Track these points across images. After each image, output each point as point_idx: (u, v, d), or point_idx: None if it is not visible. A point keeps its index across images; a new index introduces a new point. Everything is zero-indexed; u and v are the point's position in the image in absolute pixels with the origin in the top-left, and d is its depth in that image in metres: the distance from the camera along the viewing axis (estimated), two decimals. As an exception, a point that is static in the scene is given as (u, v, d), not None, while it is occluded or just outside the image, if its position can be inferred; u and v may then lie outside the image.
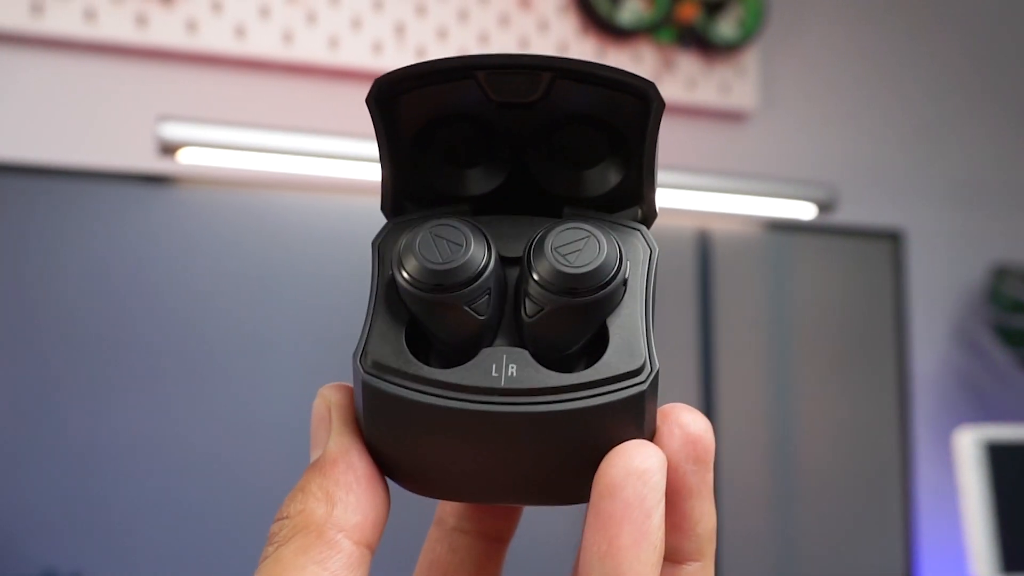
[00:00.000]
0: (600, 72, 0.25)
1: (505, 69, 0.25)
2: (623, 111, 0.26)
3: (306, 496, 0.25)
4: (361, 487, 0.25)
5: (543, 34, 1.49)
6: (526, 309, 0.24)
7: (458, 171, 0.27)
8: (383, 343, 0.25)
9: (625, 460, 0.23)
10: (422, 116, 0.26)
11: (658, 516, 0.23)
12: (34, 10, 1.25)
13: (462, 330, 0.25)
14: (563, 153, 0.27)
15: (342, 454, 0.25)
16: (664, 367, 0.25)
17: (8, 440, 1.02)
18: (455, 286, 0.24)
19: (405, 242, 0.24)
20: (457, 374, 0.24)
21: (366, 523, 0.25)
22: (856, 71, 1.73)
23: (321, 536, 0.24)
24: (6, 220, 1.03)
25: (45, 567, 1.00)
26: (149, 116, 1.24)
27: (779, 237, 1.39)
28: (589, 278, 0.24)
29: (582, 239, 0.24)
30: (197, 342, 1.08)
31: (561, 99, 0.26)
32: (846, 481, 1.40)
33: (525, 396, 0.24)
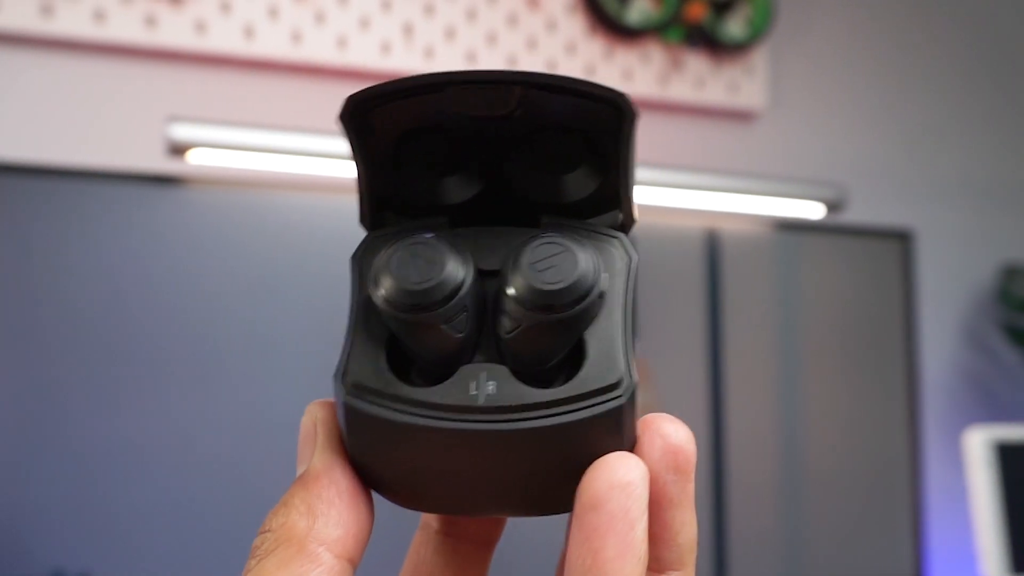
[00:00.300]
0: (569, 85, 0.25)
1: (474, 85, 0.25)
2: (597, 119, 0.26)
3: (288, 510, 0.25)
4: (343, 502, 0.25)
5: (551, 34, 1.49)
6: (504, 325, 0.24)
7: (435, 181, 0.27)
8: (363, 362, 0.25)
9: (608, 473, 0.23)
10: (397, 128, 0.26)
11: (641, 528, 0.23)
12: (44, 11, 1.25)
13: (440, 348, 0.25)
14: (540, 160, 0.27)
15: (325, 470, 0.25)
16: (672, 367, 0.25)
17: (17, 441, 1.02)
18: (432, 305, 0.24)
19: (381, 260, 0.24)
20: (436, 393, 0.24)
21: (347, 537, 0.25)
22: (865, 70, 1.72)
23: (302, 549, 0.24)
24: (16, 220, 1.04)
25: (54, 567, 1.01)
26: (158, 117, 1.24)
27: (788, 237, 1.39)
28: (565, 294, 0.24)
29: (557, 254, 0.24)
30: (206, 342, 1.08)
31: (536, 109, 0.26)
32: (855, 481, 1.39)
33: (503, 414, 0.24)
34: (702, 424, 1.30)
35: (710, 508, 1.29)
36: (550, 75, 0.25)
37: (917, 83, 1.76)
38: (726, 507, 1.30)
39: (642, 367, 1.32)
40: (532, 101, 0.26)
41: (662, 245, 1.30)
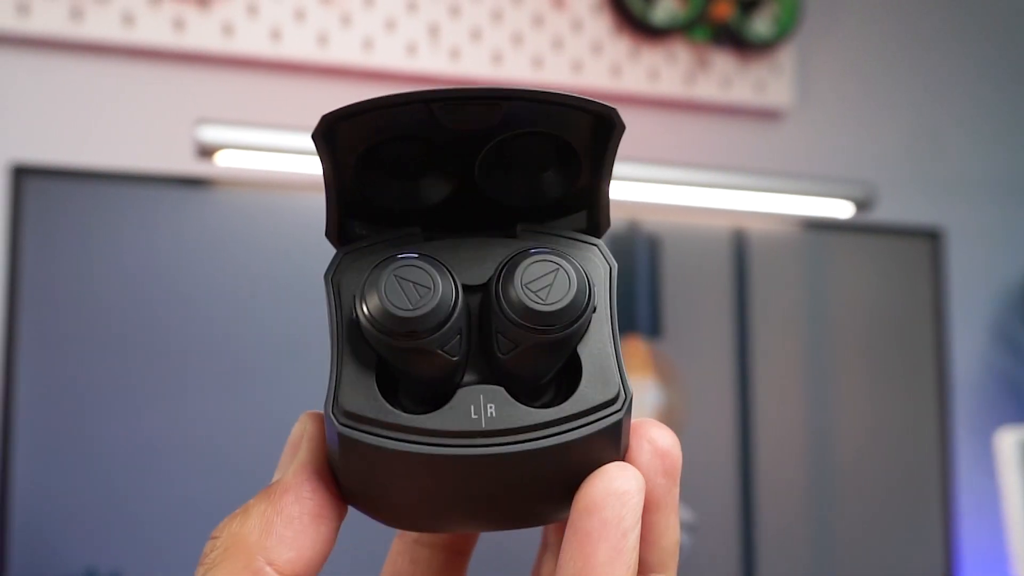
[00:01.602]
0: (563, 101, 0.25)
1: (461, 101, 0.25)
2: (577, 126, 0.26)
3: (244, 520, 0.25)
4: (303, 523, 0.25)
5: (577, 34, 1.49)
6: (499, 347, 0.24)
7: (405, 185, 0.27)
8: (355, 391, 0.24)
9: (606, 481, 0.24)
10: (366, 138, 0.26)
11: (634, 537, 0.24)
12: (73, 16, 1.26)
13: (435, 372, 0.24)
14: (511, 163, 0.27)
15: (295, 485, 0.25)
16: (700, 367, 0.26)
17: (50, 442, 1.03)
18: (428, 331, 0.23)
19: (368, 286, 0.24)
20: (436, 419, 0.24)
21: (299, 560, 0.24)
22: (893, 67, 1.71)
23: (249, 565, 0.24)
24: (46, 222, 1.05)
25: (86, 566, 1.01)
26: (186, 119, 1.25)
27: (816, 236, 1.38)
28: (564, 314, 0.24)
29: (551, 272, 0.24)
30: (235, 343, 1.08)
31: (514, 119, 0.26)
32: (885, 483, 1.38)
33: (506, 436, 0.24)
34: (730, 425, 1.29)
35: (738, 509, 1.29)
36: (531, 91, 0.25)
37: (946, 80, 1.74)
38: (754, 508, 1.29)
39: (666, 367, 1.31)
40: (514, 109, 0.25)
41: (689, 245, 1.29)
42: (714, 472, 1.28)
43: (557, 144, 0.27)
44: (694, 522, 1.24)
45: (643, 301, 1.25)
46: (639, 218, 1.26)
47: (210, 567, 0.24)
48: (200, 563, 0.25)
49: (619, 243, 1.25)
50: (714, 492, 1.28)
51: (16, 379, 1.02)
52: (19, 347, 1.02)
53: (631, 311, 1.25)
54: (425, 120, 0.25)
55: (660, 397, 1.25)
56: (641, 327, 1.25)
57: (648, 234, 1.26)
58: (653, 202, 1.27)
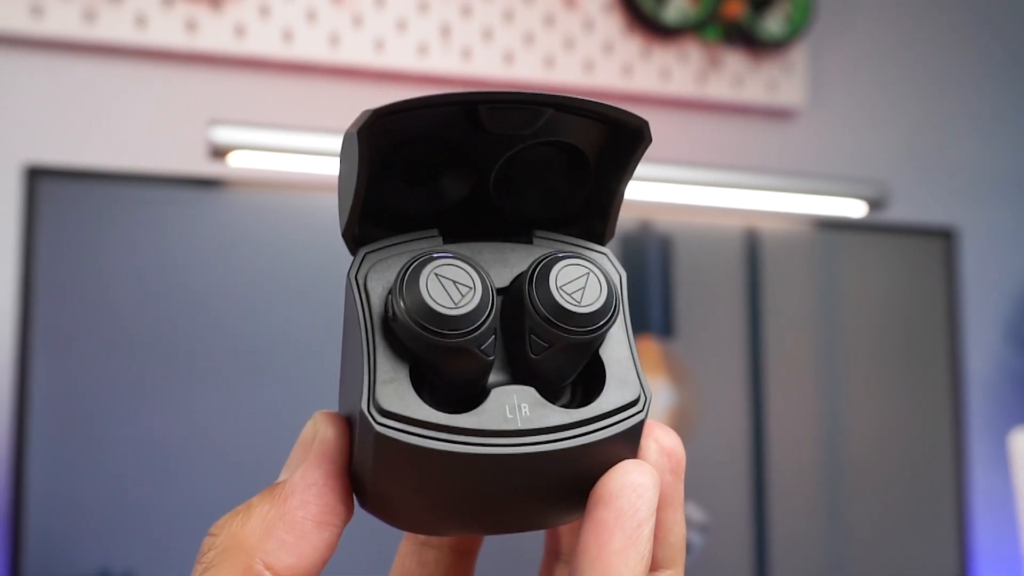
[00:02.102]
0: (600, 110, 0.26)
1: (505, 105, 0.25)
2: (594, 137, 0.27)
3: (246, 520, 0.25)
4: (305, 529, 0.25)
5: (588, 33, 1.48)
6: (532, 347, 0.25)
7: (421, 188, 0.27)
8: (391, 390, 0.24)
9: (622, 475, 0.25)
10: (396, 138, 0.26)
11: (648, 529, 0.24)
12: (86, 17, 1.27)
13: (470, 372, 0.25)
14: (528, 172, 0.27)
15: (302, 489, 0.25)
16: (713, 367, 0.26)
17: (63, 442, 1.03)
18: (469, 330, 0.24)
19: (408, 283, 0.24)
20: (474, 419, 0.24)
21: (299, 566, 0.24)
22: (906, 65, 1.70)
23: (249, 569, 0.24)
24: (60, 223, 1.05)
25: (99, 566, 1.02)
26: (199, 120, 1.26)
27: (828, 236, 1.37)
28: (599, 316, 0.25)
29: (583, 276, 0.25)
30: (248, 343, 1.09)
31: (551, 129, 0.26)
32: (898, 483, 1.38)
33: (541, 435, 0.24)
34: (742, 424, 1.29)
35: (750, 509, 1.28)
36: (581, 99, 0.26)
37: (959, 79, 1.73)
38: (766, 508, 1.29)
39: (678, 367, 1.31)
40: (552, 121, 0.26)
41: (701, 245, 1.29)
42: (726, 472, 1.28)
43: (572, 154, 0.27)
44: (706, 522, 1.23)
45: (655, 301, 1.25)
46: (651, 218, 1.26)
47: (208, 567, 0.24)
48: (198, 560, 0.25)
49: (631, 243, 1.25)
50: (726, 492, 1.27)
51: (30, 379, 1.02)
52: (33, 347, 1.03)
53: (643, 311, 1.25)
54: (460, 122, 0.26)
55: (672, 397, 1.24)
56: (653, 327, 1.25)
57: (660, 234, 1.26)
58: (665, 202, 1.26)
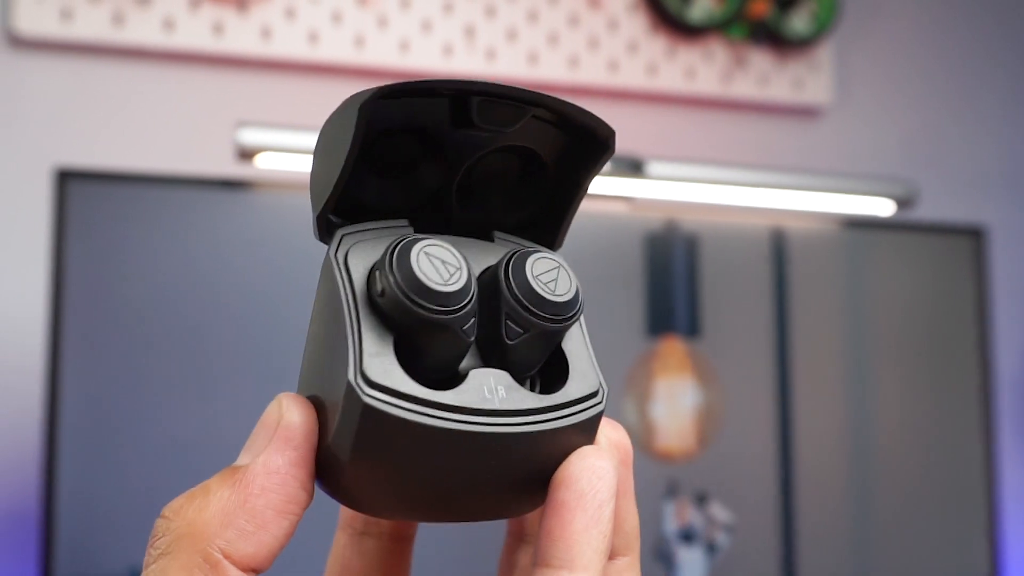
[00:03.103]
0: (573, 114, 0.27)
1: (497, 99, 0.26)
2: (560, 150, 0.28)
3: (205, 504, 0.24)
4: (266, 518, 0.24)
5: (612, 33, 1.48)
6: (508, 333, 0.26)
7: (391, 184, 0.28)
8: (378, 363, 0.24)
9: (582, 459, 0.25)
10: (375, 128, 0.26)
11: (609, 510, 0.25)
12: (115, 21, 1.28)
13: (450, 351, 0.25)
14: (492, 178, 0.28)
15: (264, 476, 0.24)
16: (739, 368, 0.26)
17: (94, 444, 1.04)
18: (456, 308, 0.24)
19: (398, 260, 0.24)
20: (456, 396, 0.25)
21: (257, 556, 0.24)
22: (933, 62, 1.69)
23: (207, 558, 0.23)
24: (90, 225, 1.06)
25: (130, 566, 1.03)
26: (226, 122, 1.26)
27: (856, 235, 1.36)
28: (570, 306, 0.26)
29: (554, 268, 0.26)
30: (276, 344, 1.09)
31: (521, 130, 0.27)
32: (927, 484, 1.37)
33: (517, 417, 0.25)
34: (769, 425, 1.28)
35: (777, 510, 1.28)
36: (559, 100, 0.27)
37: (988, 75, 1.72)
38: (794, 509, 1.28)
39: (704, 367, 1.30)
40: (534, 117, 0.27)
41: (727, 245, 1.29)
42: (753, 472, 1.27)
43: (531, 162, 0.28)
44: (733, 522, 1.23)
45: (681, 301, 1.25)
46: (677, 217, 1.26)
47: (163, 552, 0.24)
48: (151, 544, 0.24)
49: (656, 243, 1.25)
50: (753, 493, 1.27)
51: (60, 380, 1.03)
52: (63, 348, 1.03)
53: (669, 311, 1.24)
54: (443, 116, 0.27)
55: (698, 397, 1.24)
56: (679, 327, 1.24)
57: (686, 234, 1.26)
58: (690, 201, 1.26)
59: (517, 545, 0.30)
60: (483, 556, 0.28)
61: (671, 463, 1.22)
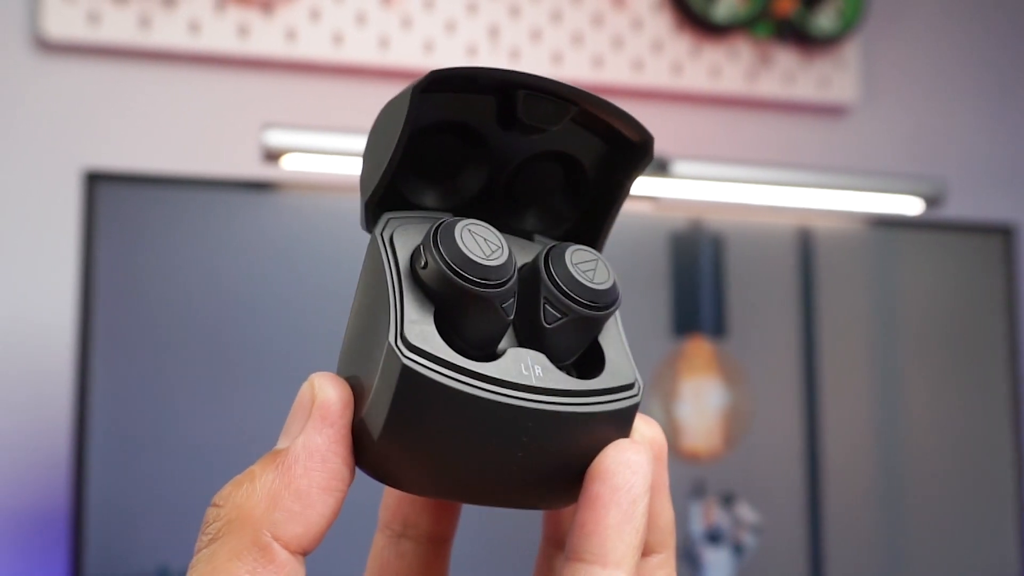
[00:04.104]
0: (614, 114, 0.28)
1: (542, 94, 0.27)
2: (602, 156, 0.29)
3: (251, 489, 0.24)
4: (311, 497, 0.24)
5: (637, 32, 1.48)
6: (546, 316, 0.26)
7: (434, 182, 0.28)
8: (419, 330, 0.25)
9: (618, 452, 0.25)
10: (423, 120, 0.27)
11: (643, 505, 0.25)
12: (142, 24, 1.29)
13: (489, 327, 0.26)
14: (534, 182, 0.29)
15: (306, 455, 0.25)
16: (766, 368, 0.26)
17: (124, 441, 1.05)
18: (498, 282, 0.25)
19: (443, 235, 0.25)
20: (494, 368, 0.25)
21: (306, 536, 0.24)
22: (962, 59, 1.67)
23: (256, 541, 0.24)
24: (119, 227, 1.07)
25: (159, 564, 1.03)
26: (251, 124, 1.27)
27: (884, 234, 1.35)
28: (608, 295, 0.26)
29: (593, 260, 0.27)
30: (303, 344, 1.10)
31: (562, 136, 0.28)
32: (956, 485, 1.35)
33: (552, 395, 0.25)
34: (796, 425, 1.27)
35: (805, 510, 1.27)
36: (604, 100, 0.27)
37: (1017, 71, 1.70)
38: (821, 510, 1.27)
39: (730, 367, 1.29)
40: (568, 126, 0.28)
41: (753, 244, 1.28)
42: (780, 472, 1.26)
43: (572, 170, 0.29)
44: (760, 523, 1.22)
45: (707, 301, 1.24)
46: (702, 217, 1.25)
47: (214, 538, 0.24)
48: (202, 531, 0.24)
49: (682, 242, 1.24)
50: (780, 493, 1.26)
51: (89, 381, 1.04)
52: (92, 350, 1.04)
53: (695, 311, 1.24)
54: (490, 114, 0.27)
55: (725, 397, 1.23)
56: (705, 327, 1.24)
57: (711, 233, 1.25)
58: (716, 201, 1.25)
59: (553, 552, 0.29)
60: (519, 561, 0.28)
61: (698, 463, 1.21)
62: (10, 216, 1.27)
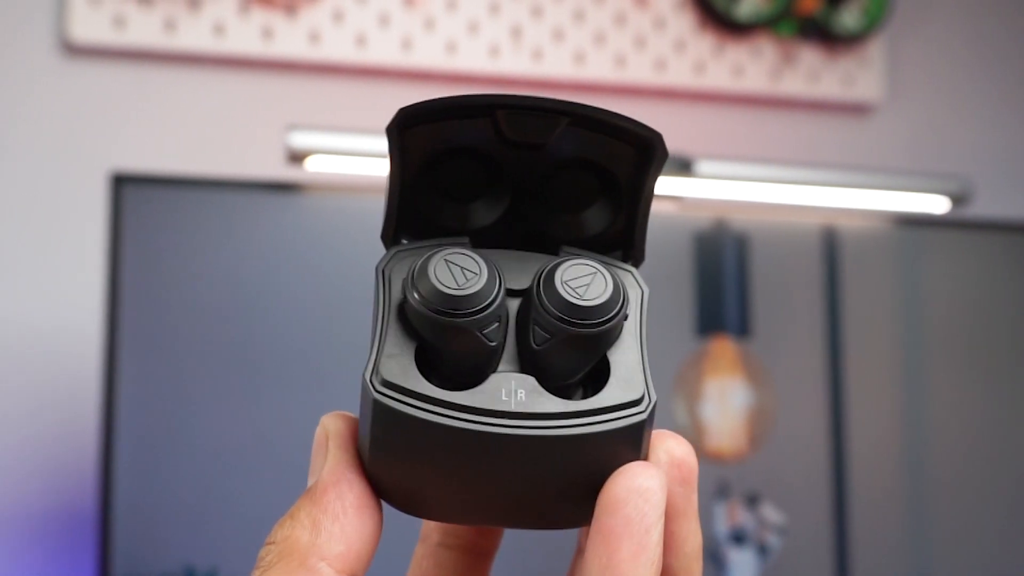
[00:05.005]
0: (612, 120, 0.27)
1: (524, 110, 0.26)
2: (623, 159, 0.28)
3: (294, 523, 0.26)
4: (348, 516, 0.25)
5: (659, 32, 1.47)
6: (534, 338, 0.26)
7: (458, 205, 0.28)
8: (394, 363, 0.25)
9: (628, 479, 0.25)
10: (431, 148, 0.27)
11: (657, 533, 0.24)
12: (167, 28, 1.30)
13: (472, 355, 0.25)
14: (559, 194, 0.28)
15: (333, 483, 0.26)
16: (790, 369, 0.26)
17: (150, 442, 1.06)
18: (470, 312, 0.25)
19: (419, 267, 0.25)
20: (468, 396, 0.25)
21: (350, 553, 0.25)
22: (987, 56, 1.66)
23: (303, 563, 0.25)
24: (145, 229, 1.08)
25: (185, 563, 1.04)
26: (276, 125, 1.28)
27: (910, 233, 1.34)
28: (598, 311, 0.25)
29: (589, 275, 0.26)
30: (327, 345, 1.10)
31: (567, 143, 0.27)
32: (984, 487, 1.34)
33: (534, 420, 0.25)
34: (822, 426, 1.27)
35: (830, 512, 1.26)
36: (595, 107, 0.26)
37: (1045, 69, 1.68)
38: (847, 512, 1.26)
39: (755, 367, 1.28)
40: (568, 134, 0.27)
41: (778, 243, 1.27)
42: (805, 473, 1.26)
43: (604, 178, 0.28)
44: (784, 524, 1.22)
45: (731, 301, 1.24)
46: (726, 217, 1.25)
47: (266, 569, 0.25)
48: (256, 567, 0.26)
49: (705, 242, 1.24)
50: (805, 494, 1.25)
51: (116, 383, 1.05)
52: (119, 352, 1.05)
53: (719, 311, 1.23)
54: (490, 133, 0.27)
55: (749, 398, 1.23)
56: (729, 327, 1.23)
57: (735, 233, 1.25)
58: (740, 200, 1.25)
59: (579, 559, 0.29)
60: (552, 569, 0.29)
61: (722, 464, 1.21)
62: (38, 218, 1.29)
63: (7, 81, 1.29)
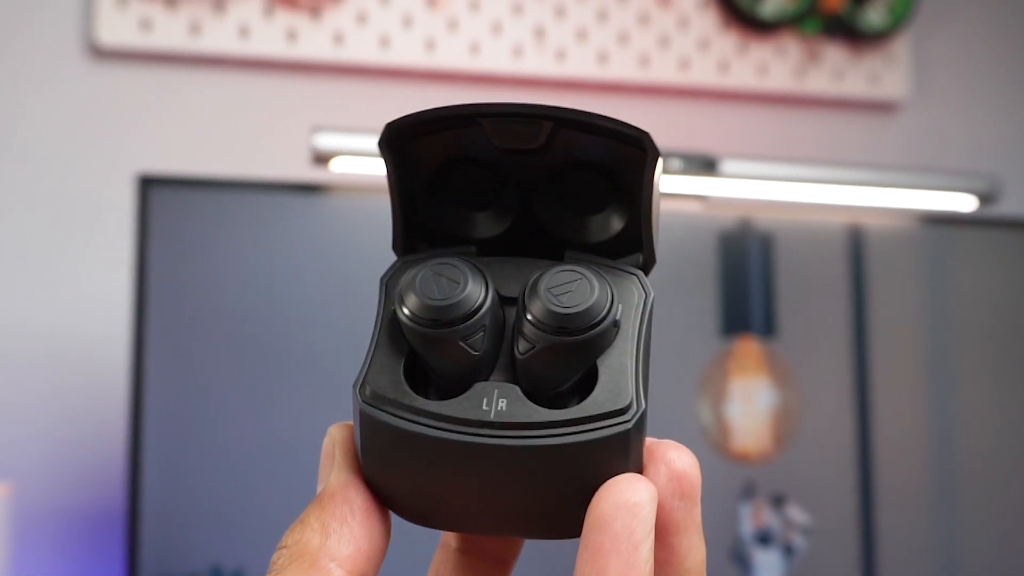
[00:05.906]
0: (595, 121, 0.26)
1: (506, 117, 0.26)
2: (623, 159, 0.27)
3: (303, 528, 0.26)
4: (356, 519, 0.26)
5: (683, 31, 1.47)
6: (518, 346, 0.25)
7: (468, 214, 0.28)
8: (381, 375, 0.26)
9: (615, 494, 0.24)
10: (434, 160, 0.28)
11: (646, 549, 0.24)
12: (192, 30, 1.31)
13: (457, 364, 0.26)
14: (567, 199, 0.28)
15: (340, 489, 0.27)
16: (816, 369, 0.25)
17: (177, 442, 1.07)
18: (451, 322, 0.25)
19: (406, 279, 0.26)
20: (449, 406, 0.25)
21: (359, 555, 0.26)
22: (1015, 53, 1.64)
23: (314, 564, 0.25)
24: (171, 230, 1.09)
25: (212, 563, 1.05)
26: (301, 127, 1.28)
27: (936, 231, 1.33)
28: (579, 318, 0.25)
29: (574, 281, 0.25)
30: (355, 346, 1.10)
31: (564, 146, 0.27)
32: (1013, 489, 1.33)
33: (513, 430, 0.24)
34: (848, 426, 1.26)
35: (857, 513, 1.25)
36: (577, 110, 0.26)
37: (1075, 66, 1.66)
38: (874, 513, 1.25)
39: (780, 367, 1.27)
40: (561, 137, 0.27)
41: (803, 243, 1.27)
42: (831, 474, 1.25)
43: (610, 180, 0.28)
44: (810, 525, 1.21)
45: (757, 300, 1.23)
46: (751, 216, 1.24)
47: (279, 571, 0.26)
48: (269, 570, 0.26)
49: (730, 242, 1.24)
50: (831, 494, 1.25)
51: (144, 383, 1.06)
52: (147, 352, 1.06)
53: (744, 311, 1.23)
54: (484, 140, 0.27)
55: (775, 398, 1.22)
56: (755, 327, 1.23)
57: (761, 232, 1.24)
58: (765, 199, 1.24)
59: None
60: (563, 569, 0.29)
61: (747, 464, 1.20)
62: (65, 219, 1.30)
63: (35, 84, 1.31)
